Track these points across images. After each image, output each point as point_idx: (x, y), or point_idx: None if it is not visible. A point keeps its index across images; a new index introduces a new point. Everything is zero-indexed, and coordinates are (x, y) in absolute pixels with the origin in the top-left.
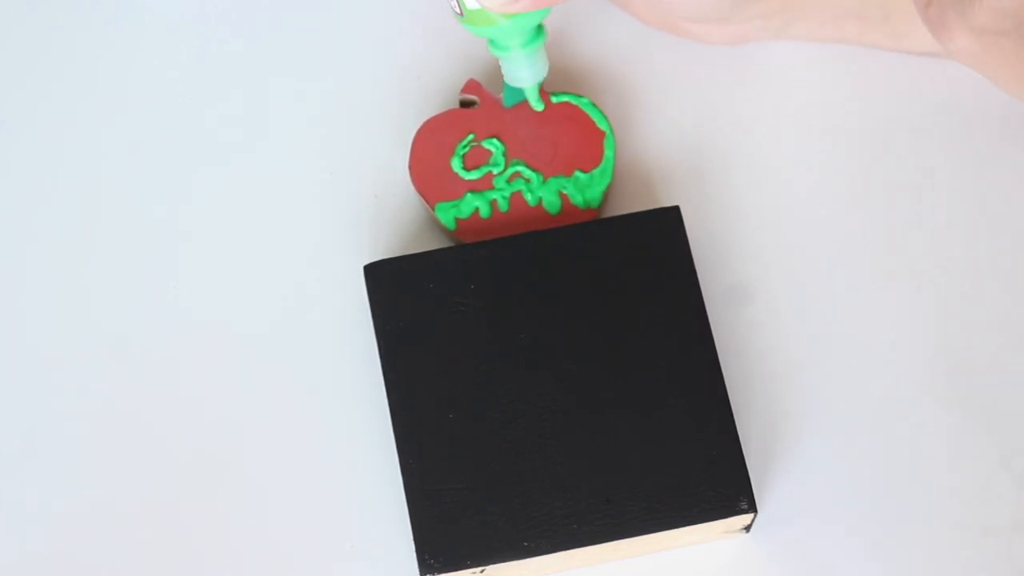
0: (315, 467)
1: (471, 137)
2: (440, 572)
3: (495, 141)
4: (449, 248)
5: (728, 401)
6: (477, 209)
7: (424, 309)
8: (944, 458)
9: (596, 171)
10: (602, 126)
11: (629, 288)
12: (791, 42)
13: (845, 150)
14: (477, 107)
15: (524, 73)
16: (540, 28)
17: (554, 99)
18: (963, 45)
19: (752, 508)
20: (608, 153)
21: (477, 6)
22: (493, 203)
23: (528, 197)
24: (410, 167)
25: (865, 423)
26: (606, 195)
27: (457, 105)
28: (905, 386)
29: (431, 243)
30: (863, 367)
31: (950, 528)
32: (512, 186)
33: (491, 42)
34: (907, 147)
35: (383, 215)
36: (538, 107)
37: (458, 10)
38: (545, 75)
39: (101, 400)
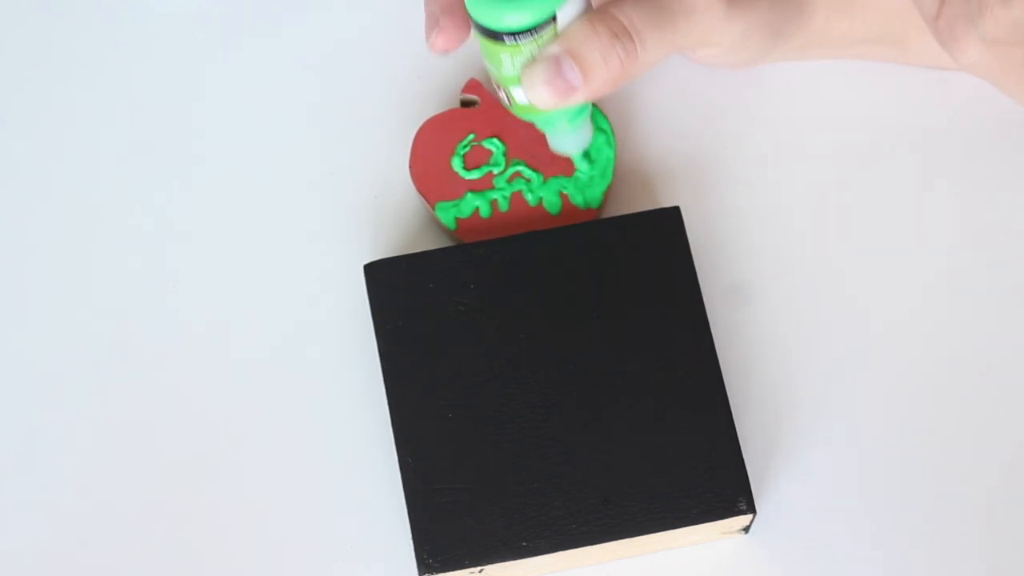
0: (314, 467)
1: (472, 137)
2: (439, 572)
3: (496, 141)
4: (449, 248)
5: (727, 401)
6: (477, 209)
7: (424, 309)
8: (943, 458)
9: (596, 171)
10: (602, 126)
11: (629, 288)
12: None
13: (845, 150)
14: (478, 107)
15: (571, 143)
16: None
17: None
18: (974, 57)
19: (751, 509)
20: (608, 153)
21: (525, 101)
22: (493, 203)
23: (528, 197)
24: (410, 167)
25: (864, 424)
26: (606, 195)
27: (458, 105)
28: (905, 387)
29: (431, 243)
30: (862, 367)
31: (948, 527)
32: (512, 186)
33: (538, 120)
34: (908, 148)
35: (383, 215)
36: (582, 167)
37: (507, 102)
38: (590, 142)
39: (100, 399)
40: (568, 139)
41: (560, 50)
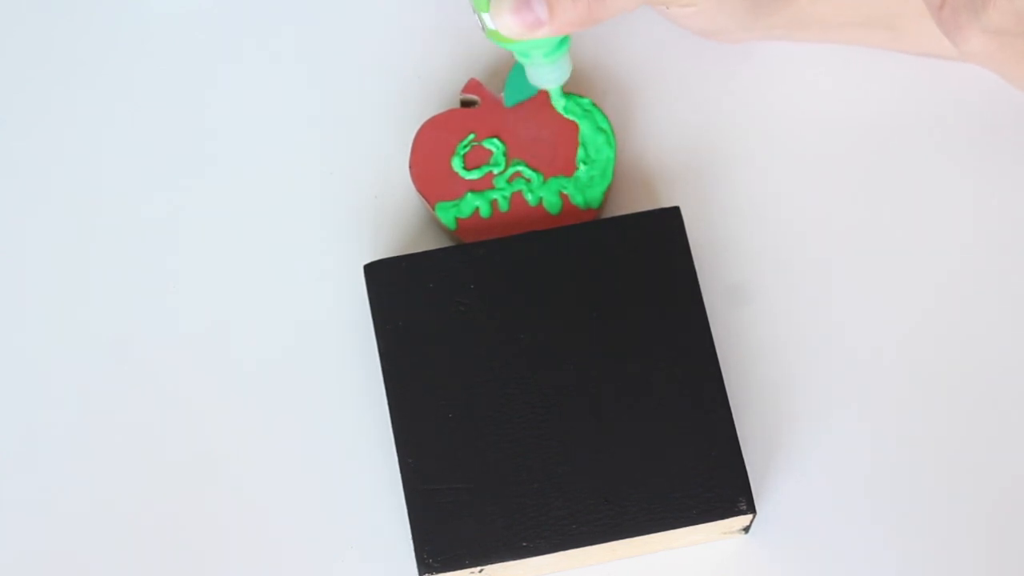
0: (314, 467)
1: (472, 137)
2: (439, 572)
3: (496, 141)
4: (449, 248)
5: (727, 401)
6: (477, 209)
7: (424, 309)
8: (943, 457)
9: (596, 171)
10: (602, 126)
11: (629, 288)
12: (792, 42)
13: (845, 149)
14: (478, 107)
15: (548, 76)
16: (564, 37)
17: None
18: (977, 47)
19: (751, 509)
20: (608, 153)
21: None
22: (493, 203)
23: (528, 197)
24: (410, 167)
25: (864, 423)
26: (606, 195)
27: (458, 105)
28: (904, 386)
29: (431, 243)
30: (862, 367)
31: (948, 528)
32: (512, 186)
33: (513, 49)
34: (908, 146)
35: (383, 215)
36: (559, 104)
37: (481, 26)
38: (568, 76)
39: (100, 399)
40: (543, 72)
41: None
